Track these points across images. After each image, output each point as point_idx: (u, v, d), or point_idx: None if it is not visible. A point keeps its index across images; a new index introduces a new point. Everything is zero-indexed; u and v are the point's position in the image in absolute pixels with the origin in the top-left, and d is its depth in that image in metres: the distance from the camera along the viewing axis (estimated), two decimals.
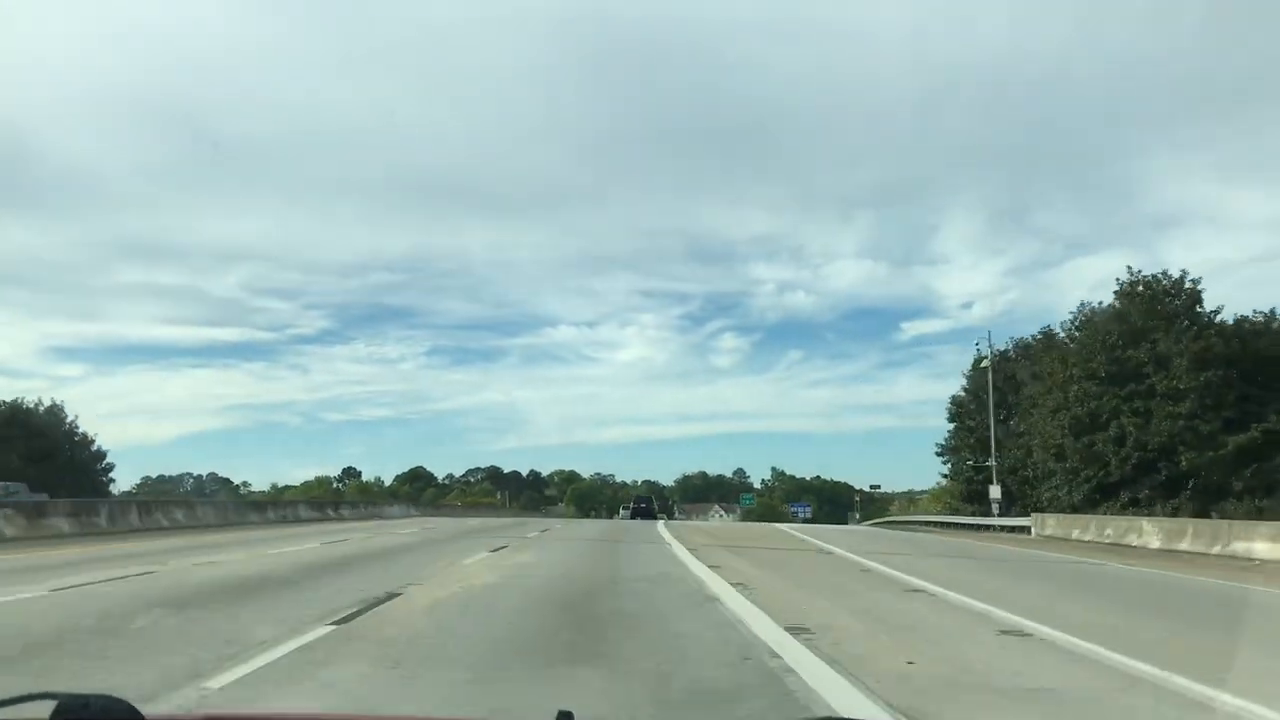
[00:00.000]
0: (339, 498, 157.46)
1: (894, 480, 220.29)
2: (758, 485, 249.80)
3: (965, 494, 46.09)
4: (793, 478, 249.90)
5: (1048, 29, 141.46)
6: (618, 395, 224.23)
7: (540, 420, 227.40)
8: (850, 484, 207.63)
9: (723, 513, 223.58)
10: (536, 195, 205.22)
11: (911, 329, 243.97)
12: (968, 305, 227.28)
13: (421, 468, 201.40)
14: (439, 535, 25.51)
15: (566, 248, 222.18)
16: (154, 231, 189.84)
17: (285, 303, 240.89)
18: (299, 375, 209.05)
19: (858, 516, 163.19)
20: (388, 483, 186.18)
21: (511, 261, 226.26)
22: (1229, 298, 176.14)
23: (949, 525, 42.41)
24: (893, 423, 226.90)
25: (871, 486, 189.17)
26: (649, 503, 67.07)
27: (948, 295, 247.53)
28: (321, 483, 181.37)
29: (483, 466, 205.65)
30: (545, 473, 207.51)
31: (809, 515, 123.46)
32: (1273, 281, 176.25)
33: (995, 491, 38.62)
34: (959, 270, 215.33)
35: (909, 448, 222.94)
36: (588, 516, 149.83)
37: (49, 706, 1.60)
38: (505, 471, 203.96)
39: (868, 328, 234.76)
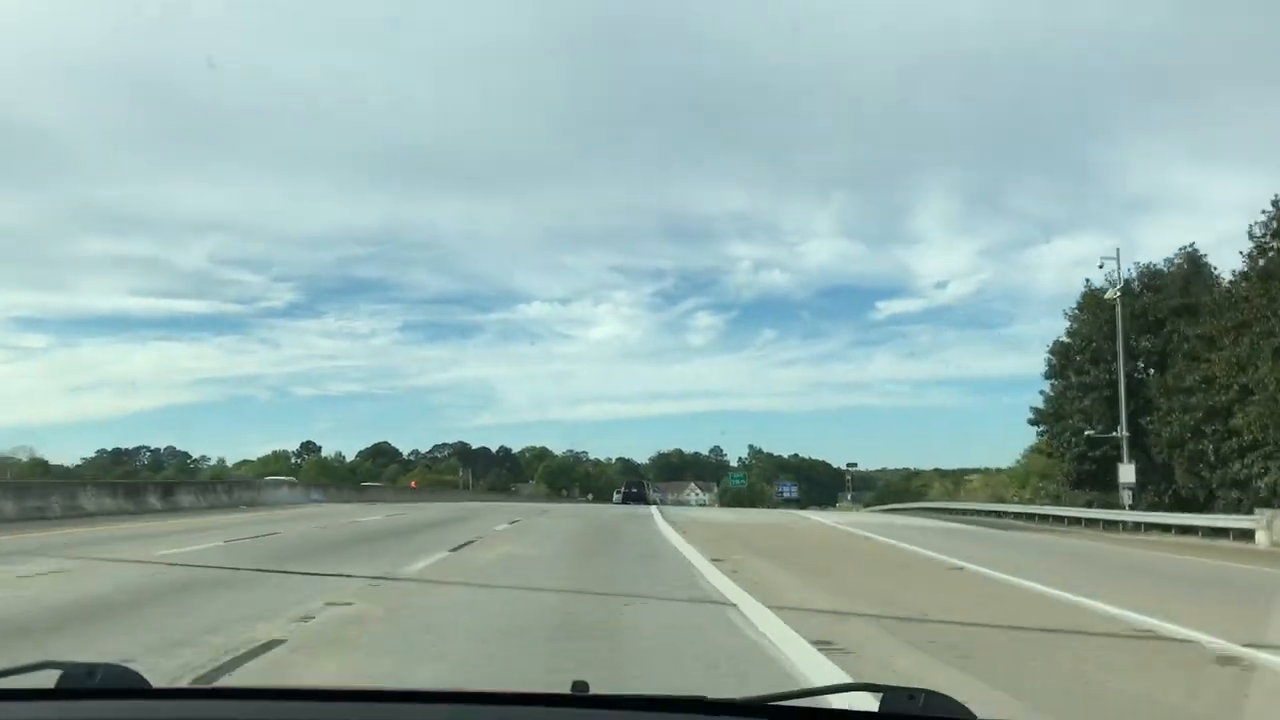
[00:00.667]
0: (292, 474, 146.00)
1: (871, 459, 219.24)
2: (734, 464, 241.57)
3: (1074, 476, 34.54)
4: (771, 456, 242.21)
5: (1023, 11, 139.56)
6: (591, 373, 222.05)
7: (513, 397, 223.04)
8: (828, 463, 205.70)
9: (699, 492, 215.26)
10: (510, 170, 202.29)
11: (886, 308, 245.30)
12: (942, 285, 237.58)
13: (386, 443, 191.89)
14: (266, 555, 13.72)
15: (540, 223, 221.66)
16: (121, 201, 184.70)
17: (254, 275, 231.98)
18: (269, 349, 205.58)
19: (849, 498, 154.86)
20: (350, 458, 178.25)
21: (484, 236, 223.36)
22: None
23: (1042, 518, 31.74)
24: (867, 401, 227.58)
25: (849, 465, 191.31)
26: (640, 488, 64.64)
27: (922, 275, 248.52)
28: (279, 458, 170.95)
29: (450, 442, 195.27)
30: (516, 449, 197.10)
31: (794, 495, 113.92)
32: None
33: (1128, 473, 27.80)
34: (934, 250, 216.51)
35: (885, 426, 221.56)
36: (559, 496, 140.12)
37: (54, 676, 1.61)
38: (474, 448, 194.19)
39: (843, 307, 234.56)
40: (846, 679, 5.24)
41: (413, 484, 68.06)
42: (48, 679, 1.58)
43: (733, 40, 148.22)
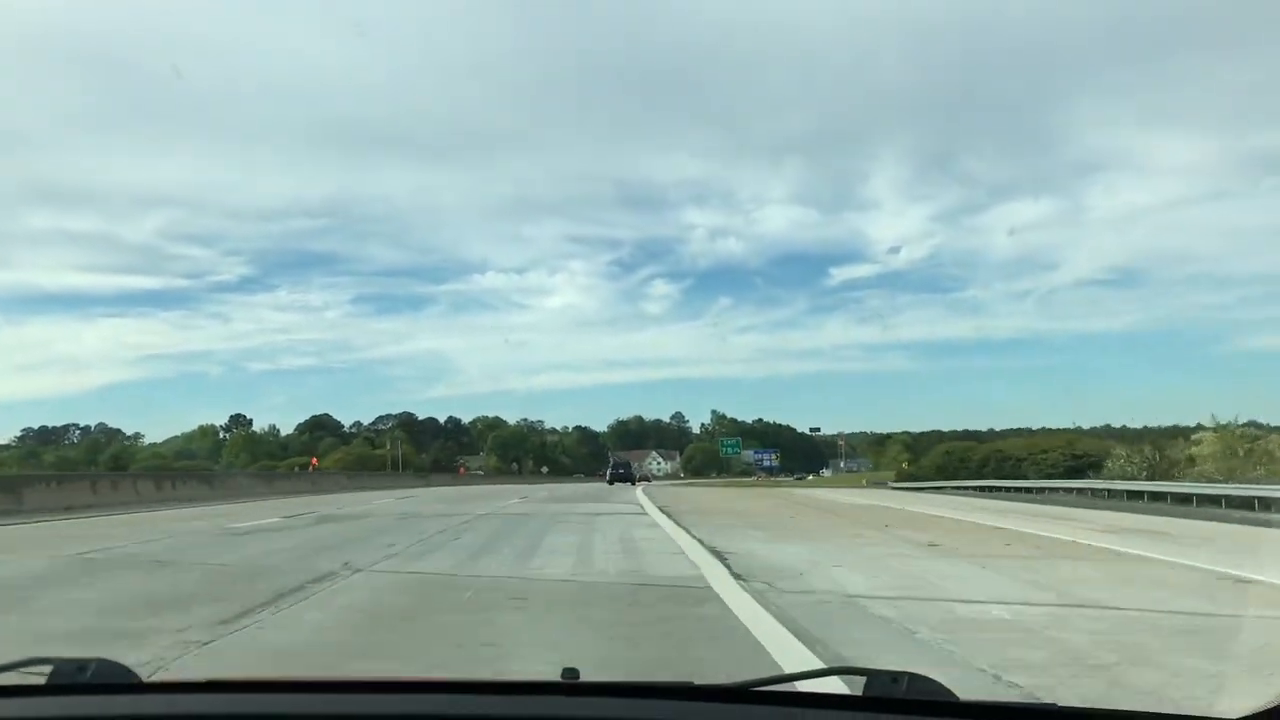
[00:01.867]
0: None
1: (830, 424, 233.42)
2: (696, 430, 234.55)
3: None
4: (735, 421, 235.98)
5: None
6: (548, 343, 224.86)
7: (469, 369, 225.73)
8: (793, 427, 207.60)
9: (661, 460, 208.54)
10: (463, 139, 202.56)
11: (840, 274, 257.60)
12: (895, 250, 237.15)
13: (327, 415, 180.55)
14: None
15: (494, 193, 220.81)
16: (66, 176, 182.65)
17: (204, 249, 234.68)
18: (220, 324, 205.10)
19: (843, 466, 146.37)
20: (286, 432, 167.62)
21: (438, 207, 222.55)
22: (1143, 243, 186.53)
23: None
24: (822, 367, 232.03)
25: (811, 429, 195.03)
26: (627, 467, 63.74)
27: (876, 241, 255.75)
28: (205, 433, 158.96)
29: (395, 413, 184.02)
30: (468, 420, 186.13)
31: (773, 464, 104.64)
32: (1185, 227, 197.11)
33: None
34: (887, 216, 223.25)
35: (841, 391, 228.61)
36: (510, 471, 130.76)
37: (45, 672, 1.62)
38: (420, 418, 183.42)
39: (797, 274, 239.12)
40: None
41: (312, 463, 56.60)
42: (39, 675, 1.58)
43: (686, 6, 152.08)
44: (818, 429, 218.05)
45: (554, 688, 1.65)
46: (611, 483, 52.91)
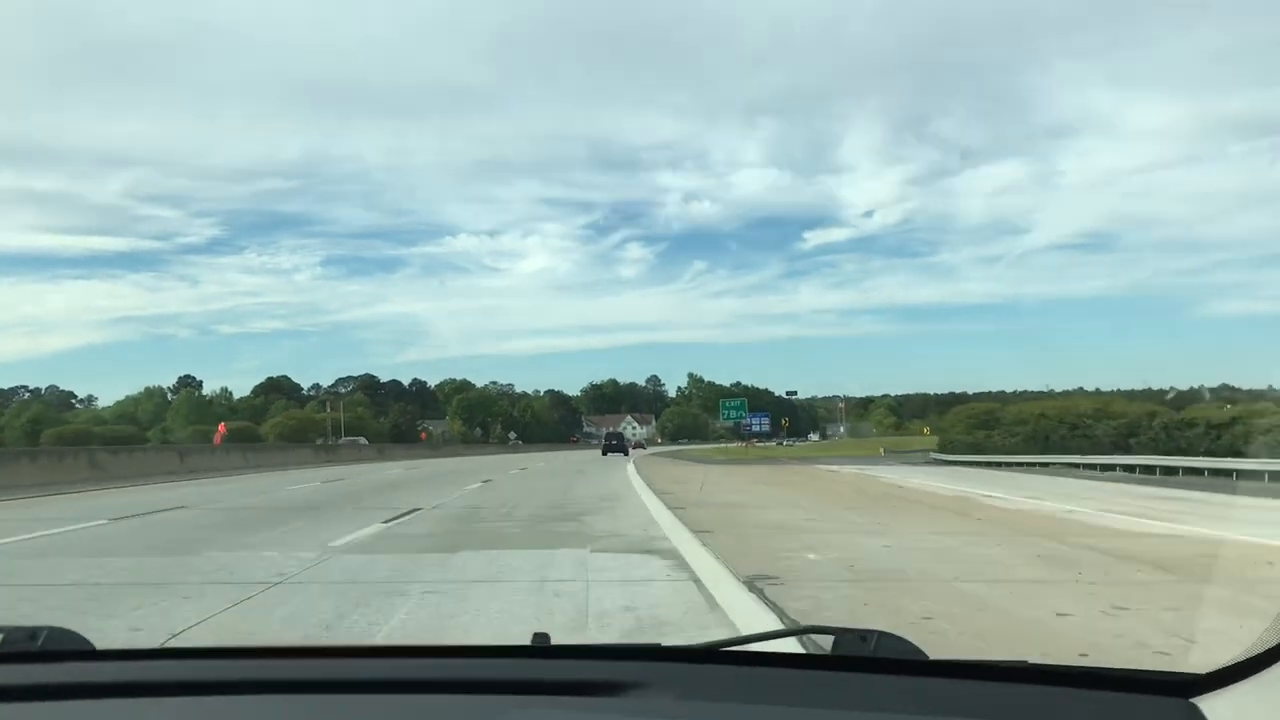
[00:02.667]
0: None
1: (805, 388, 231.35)
2: (673, 394, 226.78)
3: None
4: (713, 385, 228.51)
5: None
6: (522, 306, 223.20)
7: (442, 332, 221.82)
8: (771, 390, 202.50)
9: (636, 425, 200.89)
10: (435, 99, 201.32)
11: (814, 238, 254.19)
12: (869, 214, 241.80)
13: (285, 378, 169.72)
14: None
15: (467, 153, 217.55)
16: (27, 134, 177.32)
17: (172, 210, 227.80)
18: (188, 286, 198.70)
19: (842, 431, 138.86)
20: (239, 395, 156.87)
21: (409, 168, 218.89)
22: (1115, 208, 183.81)
23: None
24: (796, 331, 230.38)
25: (788, 393, 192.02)
26: (620, 439, 65.26)
27: (850, 204, 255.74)
28: (151, 395, 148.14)
29: (356, 375, 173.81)
30: (435, 383, 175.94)
31: (764, 428, 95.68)
32: (1155, 191, 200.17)
33: None
34: (861, 179, 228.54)
35: (815, 355, 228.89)
36: (473, 437, 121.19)
37: None
38: (383, 380, 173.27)
39: (771, 237, 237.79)
40: None
41: (220, 430, 46.33)
42: None
43: None
44: (794, 393, 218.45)
45: (525, 651, 1.66)
46: (605, 454, 56.91)
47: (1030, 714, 1.36)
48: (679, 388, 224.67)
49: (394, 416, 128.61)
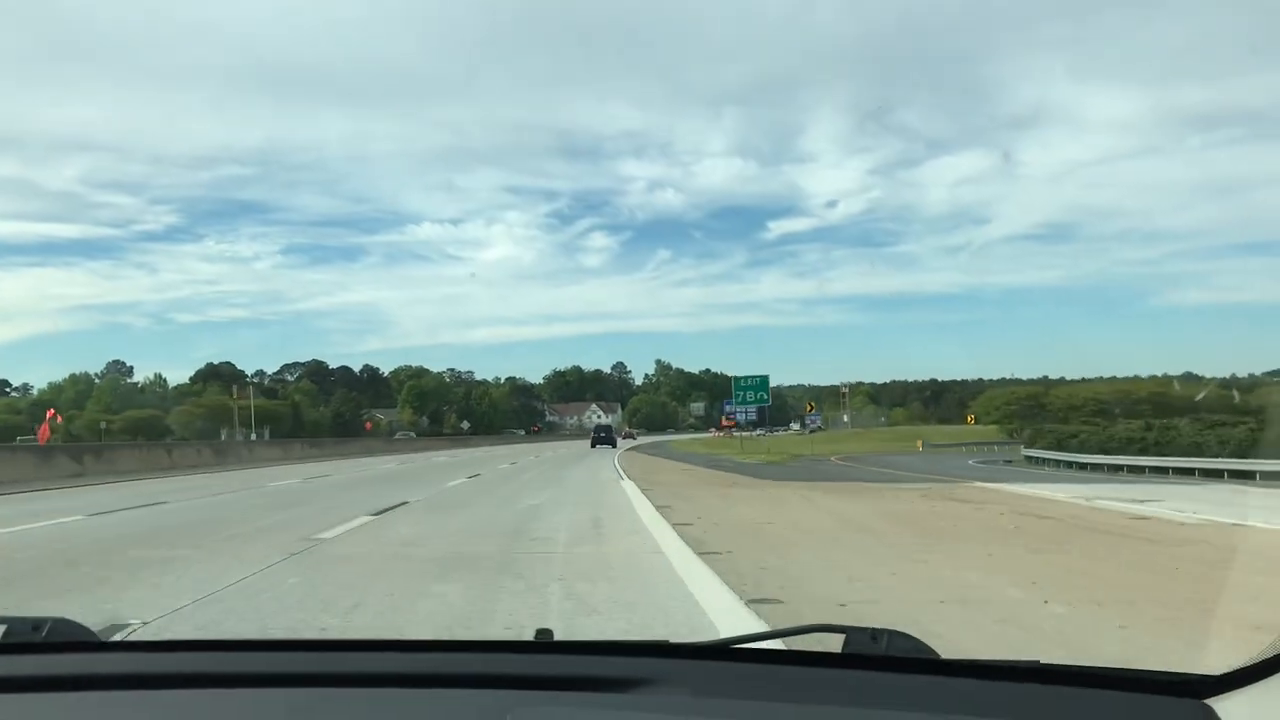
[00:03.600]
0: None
1: (776, 378, 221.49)
2: (640, 381, 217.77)
3: None
4: (681, 372, 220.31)
5: None
6: (485, 295, 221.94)
7: (404, 321, 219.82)
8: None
9: (601, 414, 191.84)
10: (398, 86, 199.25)
11: (778, 228, 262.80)
12: (832, 204, 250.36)
13: (228, 364, 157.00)
14: None
15: (429, 141, 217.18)
16: None
17: (129, 197, 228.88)
18: (146, 274, 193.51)
19: (845, 419, 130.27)
20: (175, 382, 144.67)
21: (372, 155, 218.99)
22: (1075, 198, 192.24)
23: None
24: (758, 320, 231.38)
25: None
26: (608, 431, 65.71)
27: (813, 194, 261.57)
28: (76, 382, 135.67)
29: (303, 361, 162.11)
30: (389, 369, 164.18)
31: (751, 416, 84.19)
32: (1115, 182, 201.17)
33: None
34: (825, 169, 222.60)
35: (780, 343, 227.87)
36: (422, 427, 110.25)
37: None
38: (331, 367, 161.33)
39: (735, 227, 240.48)
40: None
41: (41, 431, 34.95)
42: None
43: None
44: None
45: (529, 646, 1.65)
46: (594, 445, 58.41)
47: (1043, 714, 1.34)
48: (646, 375, 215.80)
49: (336, 405, 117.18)
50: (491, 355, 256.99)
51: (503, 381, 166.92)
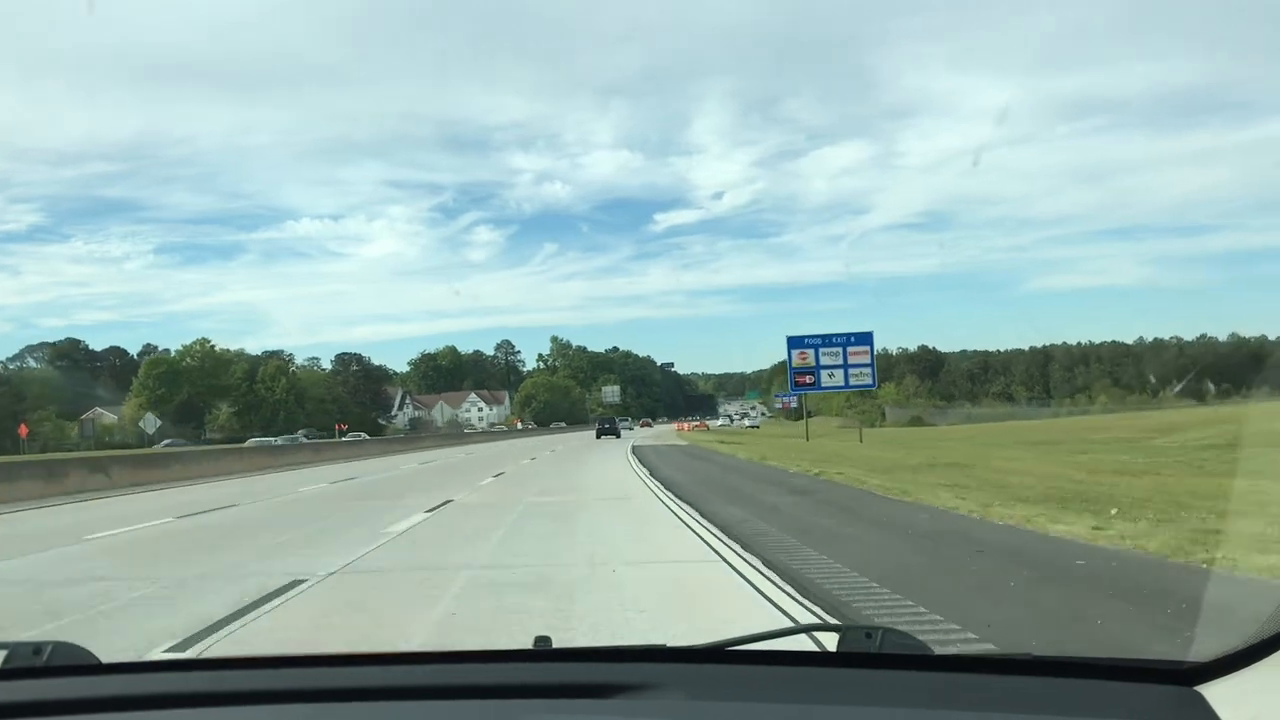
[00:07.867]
0: None
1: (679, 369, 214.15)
2: (531, 366, 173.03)
3: None
4: (584, 350, 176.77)
5: None
6: (367, 292, 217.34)
7: (283, 320, 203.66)
8: (653, 358, 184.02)
9: (484, 405, 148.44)
10: (276, 75, 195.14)
11: (665, 220, 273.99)
12: (718, 196, 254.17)
13: None
14: None
15: (310, 134, 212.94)
16: None
17: None
18: (9, 277, 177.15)
19: (778, 408, 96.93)
20: None
21: (249, 149, 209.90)
22: (953, 186, 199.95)
23: None
24: (644, 313, 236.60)
25: (664, 364, 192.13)
26: (612, 422, 65.09)
27: (700, 186, 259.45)
28: None
29: (34, 342, 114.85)
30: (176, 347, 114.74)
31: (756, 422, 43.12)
32: (990, 170, 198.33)
33: None
34: (711, 160, 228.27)
35: (668, 335, 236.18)
36: (154, 431, 61.35)
37: (0, 656, 1.56)
38: (80, 345, 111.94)
39: (622, 219, 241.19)
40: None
41: None
42: None
43: None
44: (671, 364, 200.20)
45: (527, 655, 1.66)
46: (599, 436, 57.74)
47: (1035, 705, 1.36)
48: (540, 354, 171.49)
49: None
50: (376, 353, 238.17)
51: (329, 363, 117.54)
